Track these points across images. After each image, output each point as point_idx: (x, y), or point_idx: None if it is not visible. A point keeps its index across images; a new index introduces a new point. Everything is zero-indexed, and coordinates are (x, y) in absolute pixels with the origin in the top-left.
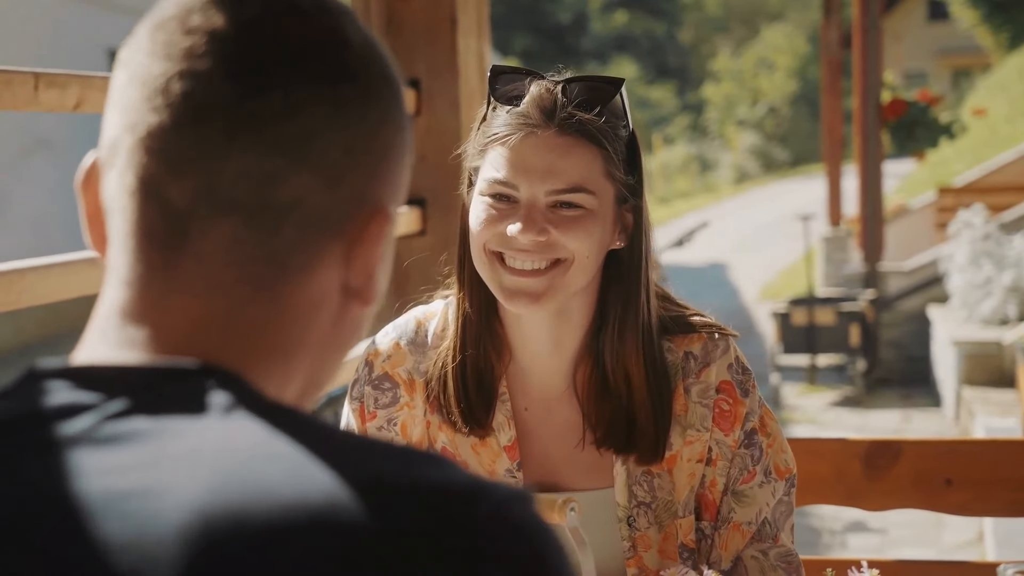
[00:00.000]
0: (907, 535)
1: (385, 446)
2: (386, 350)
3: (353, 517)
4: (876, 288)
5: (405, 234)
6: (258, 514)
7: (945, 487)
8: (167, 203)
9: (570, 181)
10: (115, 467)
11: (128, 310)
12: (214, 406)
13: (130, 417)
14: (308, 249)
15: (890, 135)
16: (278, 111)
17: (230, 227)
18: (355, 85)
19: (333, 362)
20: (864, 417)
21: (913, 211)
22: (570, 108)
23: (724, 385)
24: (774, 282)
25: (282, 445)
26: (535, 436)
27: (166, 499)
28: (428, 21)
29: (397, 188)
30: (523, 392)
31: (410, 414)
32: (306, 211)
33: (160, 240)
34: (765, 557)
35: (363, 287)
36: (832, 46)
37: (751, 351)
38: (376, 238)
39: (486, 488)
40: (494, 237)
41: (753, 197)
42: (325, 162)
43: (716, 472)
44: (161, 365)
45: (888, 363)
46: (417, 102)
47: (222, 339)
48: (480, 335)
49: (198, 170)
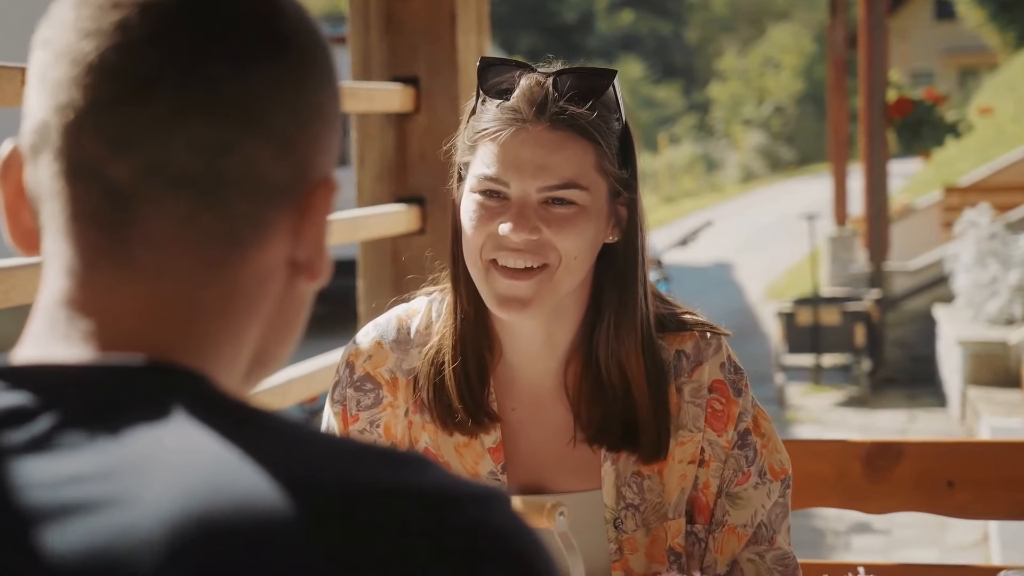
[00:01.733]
0: (911, 536)
1: (352, 446)
2: (367, 350)
3: (327, 523)
4: (881, 288)
5: (404, 233)
6: (233, 523)
7: (947, 489)
8: (110, 183)
9: (562, 177)
10: (71, 477)
11: (74, 300)
12: (171, 409)
13: (81, 423)
14: (261, 222)
15: (896, 134)
16: (224, 78)
17: (181, 204)
18: (293, 52)
19: (280, 342)
20: (869, 417)
21: (919, 210)
22: (561, 102)
23: (716, 384)
24: (779, 281)
25: (248, 450)
26: (522, 437)
27: (135, 510)
28: (428, 19)
29: (335, 156)
30: (511, 392)
31: (393, 414)
32: (258, 181)
33: (104, 223)
34: (762, 560)
35: (312, 261)
36: (838, 45)
37: (755, 351)
38: (323, 209)
39: (465, 492)
40: (488, 241)
41: (759, 196)
42: (274, 129)
43: (709, 474)
44: (112, 364)
45: (893, 363)
46: (416, 100)
47: (176, 327)
48: (476, 333)
49: (142, 146)
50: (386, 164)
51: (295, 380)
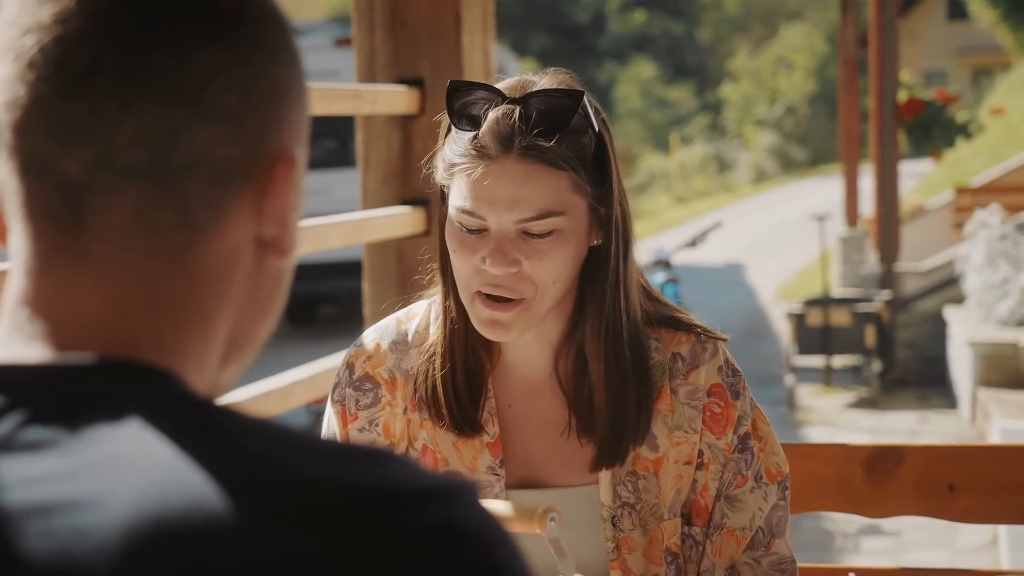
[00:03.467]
0: (921, 538)
1: (315, 444)
2: (367, 351)
3: (285, 522)
4: (892, 289)
5: (409, 235)
6: (187, 525)
7: (948, 493)
8: (61, 178)
9: (536, 208)
10: (33, 478)
11: (33, 300)
12: (129, 409)
13: (40, 423)
14: (217, 206)
15: (906, 134)
16: (166, 64)
17: (133, 196)
18: (240, 30)
19: (257, 322)
20: (879, 419)
21: (930, 211)
22: (531, 137)
23: (715, 388)
24: (791, 282)
25: (206, 450)
26: (519, 432)
27: (94, 512)
28: (433, 19)
29: (298, 131)
30: (508, 388)
31: (392, 413)
32: (210, 165)
33: (59, 219)
34: (758, 564)
35: (278, 237)
36: (849, 45)
37: (766, 352)
38: (284, 184)
39: (431, 487)
40: (475, 276)
41: (771, 197)
42: (222, 110)
43: (709, 476)
44: (71, 363)
45: (904, 364)
46: (421, 101)
47: (138, 322)
48: (468, 337)
49: (90, 139)
50: (391, 166)
51: (299, 382)
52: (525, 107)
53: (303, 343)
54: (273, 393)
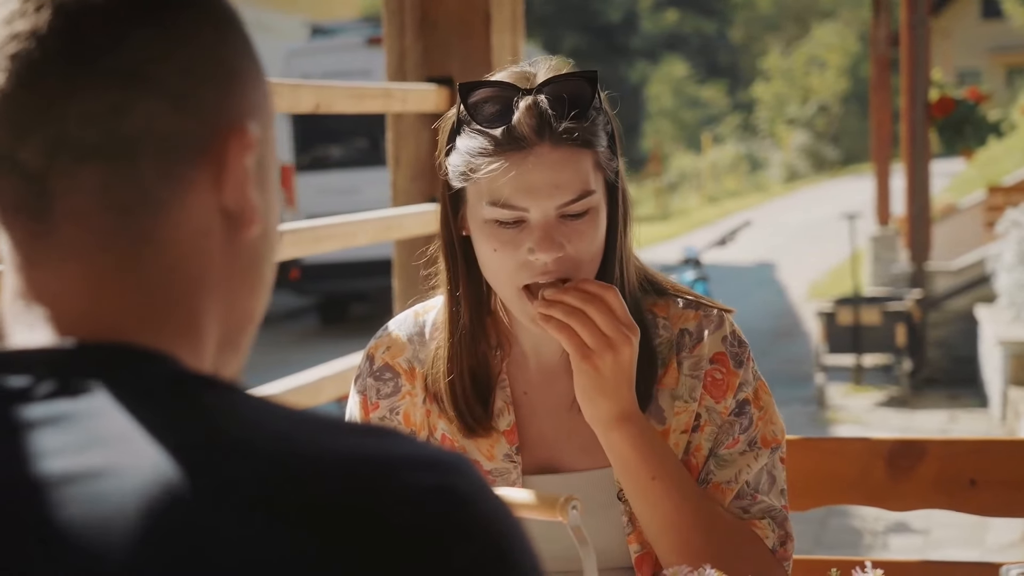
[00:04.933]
0: (950, 536)
1: (312, 417)
2: (385, 342)
3: (296, 492)
4: (923, 288)
5: (434, 232)
6: (196, 489)
7: (969, 487)
8: (23, 168)
9: (575, 191)
10: (52, 450)
11: (25, 290)
12: (122, 387)
13: (48, 400)
14: (173, 178)
15: (938, 133)
16: (105, 45)
17: (92, 175)
18: (177, 11)
19: (246, 298)
20: (910, 418)
21: (962, 210)
22: (561, 121)
23: (718, 356)
24: (822, 281)
25: (205, 424)
26: (535, 418)
27: (109, 480)
28: (462, 18)
29: (255, 106)
30: (522, 376)
31: (412, 402)
32: (159, 138)
33: (30, 209)
34: (747, 513)
35: (240, 207)
36: (881, 44)
37: (797, 351)
38: (238, 155)
39: (426, 458)
40: (521, 270)
41: (803, 196)
42: (164, 85)
43: (703, 437)
44: (63, 347)
45: (935, 363)
46: (451, 100)
47: (120, 302)
48: (475, 338)
49: (42, 125)
50: (420, 164)
51: (329, 378)
52: (549, 95)
53: (334, 341)
54: (303, 388)
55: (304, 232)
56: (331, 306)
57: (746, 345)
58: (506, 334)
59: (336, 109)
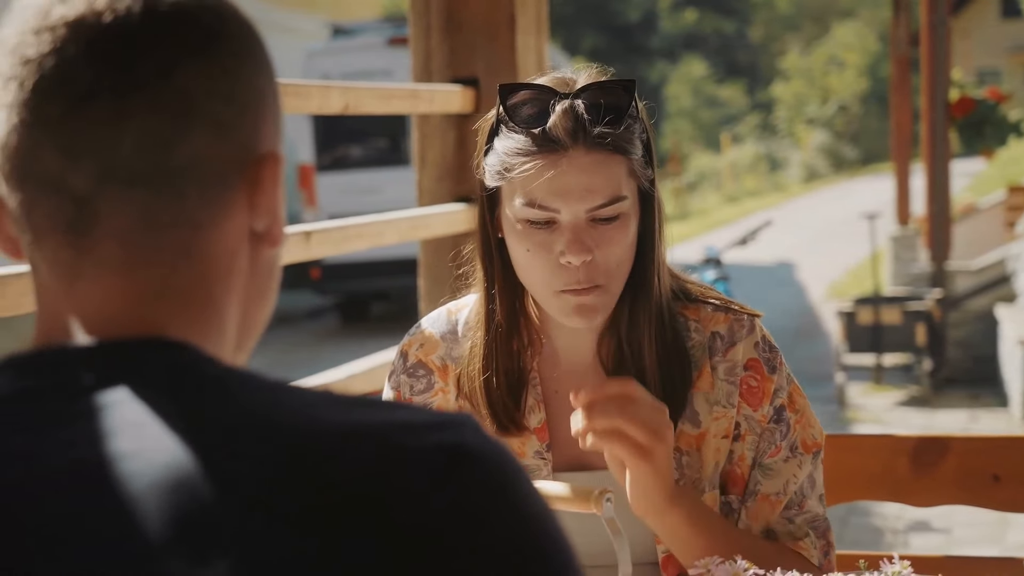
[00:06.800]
0: (971, 534)
1: (330, 394)
2: (419, 340)
3: (305, 460)
4: (943, 287)
5: (464, 231)
6: (216, 466)
7: (992, 483)
8: (71, 191)
9: (606, 195)
10: (95, 435)
11: (64, 297)
12: (161, 375)
13: (91, 393)
14: (215, 204)
15: (958, 133)
16: (154, 78)
17: (136, 200)
18: (222, 44)
19: (258, 308)
20: (930, 417)
21: (982, 210)
22: (596, 125)
23: (751, 363)
24: (842, 281)
25: (230, 402)
26: (565, 416)
27: (136, 462)
28: (487, 20)
29: (278, 131)
30: (553, 374)
31: (445, 399)
32: (206, 168)
33: (73, 229)
34: (792, 523)
35: (269, 228)
36: (901, 44)
37: (817, 350)
38: (272, 180)
39: (438, 419)
40: (556, 275)
41: (823, 196)
42: (210, 115)
43: (745, 447)
44: (109, 342)
45: (955, 363)
46: (476, 100)
47: (156, 309)
48: (510, 337)
49: (93, 152)
50: (446, 164)
51: (357, 375)
52: (586, 100)
53: (355, 340)
54: (333, 385)
55: (333, 232)
56: (352, 305)
57: (777, 350)
58: (537, 332)
59: (364, 110)
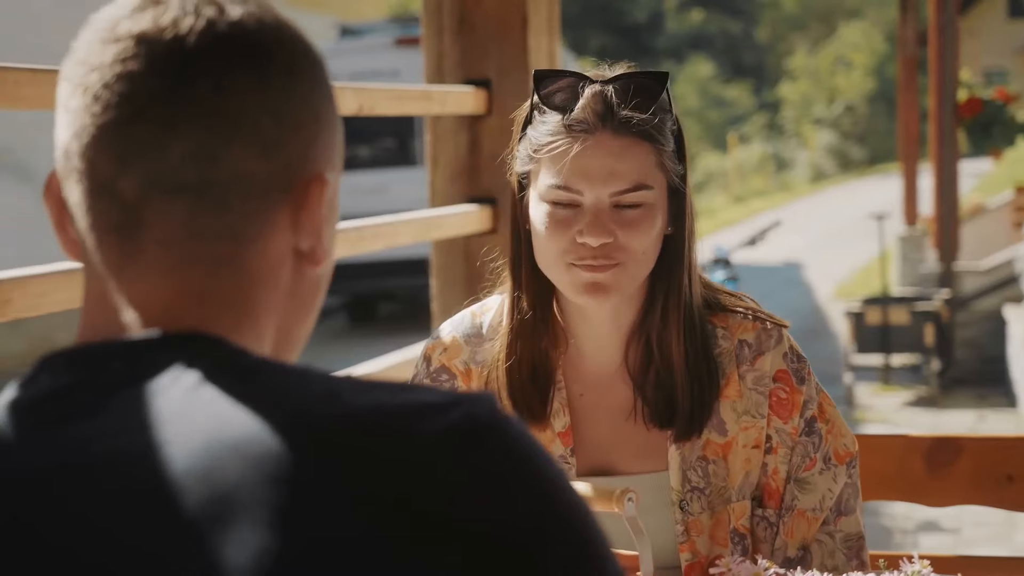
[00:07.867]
0: (980, 535)
1: (350, 381)
2: (443, 343)
3: (330, 445)
4: (951, 287)
5: (476, 232)
6: (249, 452)
7: (1007, 483)
8: (120, 196)
9: (631, 181)
10: (126, 427)
11: (110, 299)
12: (200, 365)
13: (126, 386)
14: (258, 218)
15: (966, 133)
16: (207, 95)
17: (182, 209)
18: (275, 63)
19: (299, 324)
20: (938, 417)
21: (990, 210)
22: (624, 110)
23: (780, 374)
24: (849, 281)
25: (263, 392)
26: (590, 421)
27: (173, 447)
28: (499, 20)
29: (332, 155)
30: (579, 378)
31: None
32: (249, 183)
33: (121, 232)
34: (831, 540)
35: (312, 248)
36: (908, 44)
37: (825, 351)
38: (318, 202)
39: (455, 397)
40: (568, 250)
41: (829, 196)
42: (259, 135)
43: (778, 460)
44: (151, 338)
45: (963, 363)
46: (488, 102)
47: (196, 311)
48: (536, 330)
49: (143, 161)
50: (459, 165)
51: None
52: (617, 85)
53: (364, 340)
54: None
55: (348, 232)
56: (360, 305)
57: (805, 360)
58: (563, 333)
59: (378, 111)
